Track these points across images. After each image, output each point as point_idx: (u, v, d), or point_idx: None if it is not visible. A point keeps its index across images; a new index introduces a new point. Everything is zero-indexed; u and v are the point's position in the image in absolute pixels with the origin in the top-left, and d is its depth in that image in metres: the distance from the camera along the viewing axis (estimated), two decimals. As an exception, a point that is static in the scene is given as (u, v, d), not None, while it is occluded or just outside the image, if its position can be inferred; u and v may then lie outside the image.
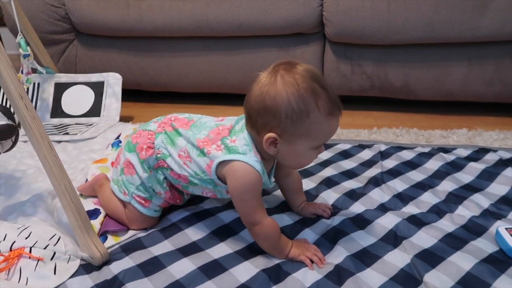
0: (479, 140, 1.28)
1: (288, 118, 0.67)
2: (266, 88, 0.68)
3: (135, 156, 0.82)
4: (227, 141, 0.74)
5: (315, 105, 0.67)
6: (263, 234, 0.75)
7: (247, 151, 0.72)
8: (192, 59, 1.64)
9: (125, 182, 0.84)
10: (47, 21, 1.65)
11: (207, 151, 0.74)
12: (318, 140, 0.71)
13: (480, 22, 1.33)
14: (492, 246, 0.77)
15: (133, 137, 0.84)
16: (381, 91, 1.57)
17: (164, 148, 0.80)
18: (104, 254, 0.75)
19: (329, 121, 0.69)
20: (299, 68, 0.69)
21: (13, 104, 0.73)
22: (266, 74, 0.70)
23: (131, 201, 0.84)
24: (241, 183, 0.72)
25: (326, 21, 1.46)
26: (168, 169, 0.80)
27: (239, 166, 0.72)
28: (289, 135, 0.69)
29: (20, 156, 1.24)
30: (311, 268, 0.73)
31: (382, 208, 0.91)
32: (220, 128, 0.77)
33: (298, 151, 0.71)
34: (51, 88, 1.57)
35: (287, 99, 0.66)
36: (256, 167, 0.71)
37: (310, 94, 0.67)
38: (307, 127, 0.68)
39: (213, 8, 1.50)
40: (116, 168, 0.87)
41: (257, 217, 0.73)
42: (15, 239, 0.75)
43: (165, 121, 0.84)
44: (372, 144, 1.25)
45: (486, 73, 1.44)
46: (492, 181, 1.01)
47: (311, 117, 0.67)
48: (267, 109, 0.67)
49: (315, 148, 0.72)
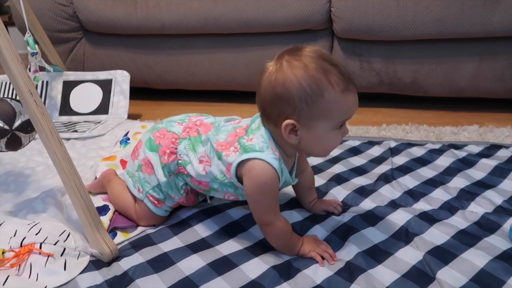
0: (491, 136, 1.26)
1: (303, 101, 0.65)
2: (274, 76, 0.66)
3: (156, 157, 0.80)
4: (243, 141, 0.72)
5: (327, 82, 0.64)
6: (275, 234, 0.74)
7: (264, 148, 0.70)
8: (199, 57, 1.64)
9: (141, 179, 0.83)
10: (55, 20, 1.65)
11: (225, 154, 0.73)
12: (338, 118, 0.68)
13: (491, 17, 1.32)
14: (505, 243, 0.76)
15: (157, 136, 0.81)
16: (390, 88, 1.56)
17: (186, 154, 0.78)
18: (113, 250, 0.75)
19: (346, 96, 0.66)
20: (304, 50, 0.67)
21: (23, 100, 0.73)
22: (272, 63, 0.69)
23: (144, 199, 0.83)
24: (256, 182, 0.70)
25: (334, 17, 1.45)
26: (188, 176, 0.79)
27: (255, 164, 0.70)
28: (307, 119, 0.66)
29: (29, 153, 1.24)
30: (322, 264, 0.72)
31: (392, 205, 0.90)
32: (238, 131, 0.75)
33: (320, 134, 0.68)
34: (59, 86, 1.57)
35: (298, 82, 0.64)
36: (273, 164, 0.69)
37: (321, 72, 0.64)
38: (324, 107, 0.65)
39: (221, 5, 1.50)
40: (133, 162, 0.85)
41: (270, 218, 0.72)
42: (25, 235, 0.75)
43: (190, 126, 0.81)
44: (382, 140, 1.24)
45: (497, 68, 1.42)
46: (505, 177, 1.00)
47: (326, 96, 0.64)
48: (279, 96, 0.66)
49: (337, 128, 0.69)
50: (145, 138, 0.84)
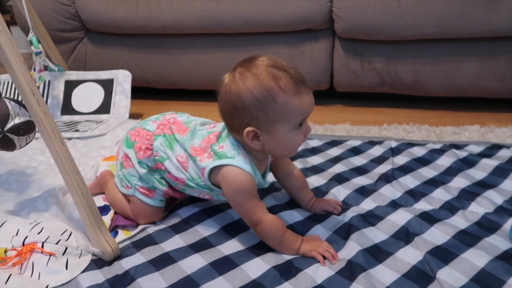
0: (492, 136, 1.26)
1: (258, 109, 0.69)
2: (228, 87, 0.70)
3: (133, 152, 0.83)
4: (215, 148, 0.76)
5: (278, 88, 0.68)
6: (266, 232, 0.75)
7: (236, 155, 0.74)
8: (201, 56, 1.64)
9: (126, 175, 0.85)
10: (57, 19, 1.66)
11: (199, 159, 0.76)
12: (295, 120, 0.71)
13: (493, 17, 1.31)
14: (506, 243, 0.76)
15: (132, 134, 0.85)
16: (391, 87, 1.56)
17: (163, 151, 0.81)
18: (115, 250, 0.75)
19: (299, 98, 0.69)
20: (257, 60, 0.70)
21: (25, 100, 0.73)
22: (227, 75, 0.72)
23: (135, 193, 0.84)
24: (234, 187, 0.73)
25: (335, 17, 1.45)
26: (165, 171, 0.82)
27: (229, 170, 0.73)
28: (265, 125, 0.70)
29: (31, 152, 1.25)
30: (323, 264, 0.72)
31: (393, 205, 0.90)
32: (211, 137, 0.78)
33: (281, 137, 0.72)
34: (61, 85, 1.58)
35: (250, 91, 0.68)
36: (246, 169, 0.72)
37: (271, 79, 0.68)
38: (279, 112, 0.69)
39: (222, 4, 1.50)
40: (116, 163, 0.89)
41: (256, 216, 0.74)
42: (27, 234, 0.75)
43: (164, 123, 0.84)
44: (383, 140, 1.24)
45: (498, 68, 1.42)
46: (506, 177, 1.00)
47: (278, 101, 0.68)
48: (236, 107, 0.70)
49: (297, 129, 0.72)
50: (123, 138, 0.88)
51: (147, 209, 0.85)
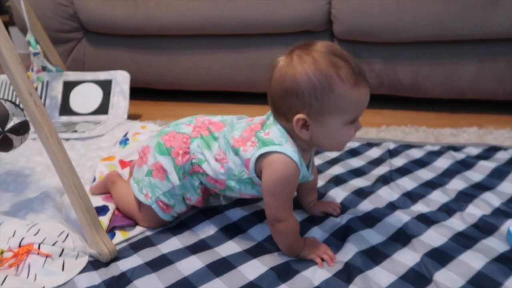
0: (490, 138, 1.26)
1: (312, 96, 0.64)
2: (284, 70, 0.66)
3: (169, 160, 0.78)
4: (261, 135, 0.71)
5: (337, 77, 0.64)
6: (284, 232, 0.73)
7: (283, 142, 0.69)
8: (200, 57, 1.64)
9: (152, 184, 0.80)
10: (55, 20, 1.66)
11: (243, 149, 0.72)
12: (350, 114, 0.67)
13: (491, 19, 1.32)
14: (503, 245, 0.76)
15: (166, 139, 0.80)
16: (390, 89, 1.56)
17: (200, 153, 0.77)
18: (112, 251, 0.75)
19: (357, 91, 0.65)
20: (316, 45, 0.66)
21: (23, 100, 0.73)
22: (283, 57, 0.68)
23: (152, 205, 0.81)
24: (278, 175, 0.69)
25: (334, 19, 1.46)
26: (204, 174, 0.78)
27: (276, 157, 0.69)
28: (317, 114, 0.66)
29: (29, 153, 1.25)
30: (322, 266, 0.72)
31: (391, 207, 0.90)
32: (253, 126, 0.74)
33: (331, 129, 0.68)
34: (59, 86, 1.58)
35: (307, 76, 0.64)
36: (293, 157, 0.68)
37: (331, 67, 0.64)
38: (334, 102, 0.65)
39: (221, 6, 1.50)
40: (140, 168, 0.83)
41: (284, 214, 0.72)
42: (24, 235, 0.75)
43: (199, 125, 0.81)
44: (381, 142, 1.24)
45: (496, 70, 1.42)
46: (503, 179, 1.00)
47: (336, 91, 0.64)
48: (289, 90, 0.66)
49: (350, 123, 0.68)
50: (153, 143, 0.82)
51: (157, 220, 0.83)
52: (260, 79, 1.61)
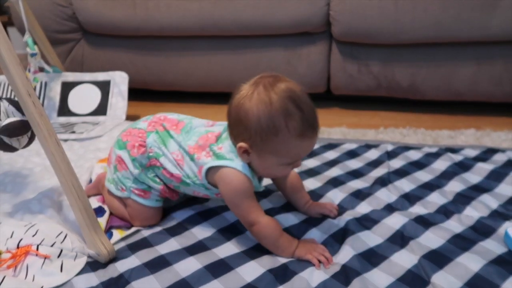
0: (488, 140, 1.27)
1: (257, 135, 0.69)
2: (242, 101, 0.70)
3: (126, 153, 0.83)
4: (214, 148, 0.76)
5: (284, 125, 0.68)
6: (262, 233, 0.75)
7: (234, 157, 0.74)
8: (198, 59, 1.64)
9: (121, 178, 0.84)
10: (54, 21, 1.66)
11: (197, 157, 0.77)
12: (288, 159, 0.72)
13: (489, 21, 1.32)
14: (501, 247, 0.77)
15: (123, 135, 0.85)
16: (388, 91, 1.56)
17: (157, 147, 0.81)
18: (110, 251, 0.75)
19: (300, 141, 0.69)
20: (279, 85, 0.68)
21: (21, 101, 0.73)
22: (247, 86, 0.71)
23: (130, 195, 0.84)
24: (231, 188, 0.74)
25: (332, 20, 1.46)
26: (160, 167, 0.81)
27: (227, 172, 0.74)
28: (258, 149, 0.71)
29: (27, 154, 1.24)
30: (318, 267, 0.72)
31: (388, 208, 0.90)
32: (209, 135, 0.78)
33: (267, 165, 0.73)
34: (58, 87, 1.57)
35: (257, 116, 0.68)
36: (243, 171, 0.74)
37: (281, 114, 0.67)
38: (275, 146, 0.70)
39: (220, 7, 1.50)
40: (109, 167, 0.88)
41: (252, 217, 0.75)
42: (22, 236, 0.75)
43: (155, 120, 0.84)
44: (379, 144, 1.24)
45: (494, 72, 1.43)
46: (501, 181, 1.00)
47: (279, 136, 0.68)
48: (240, 121, 0.70)
49: (286, 164, 0.74)
50: (114, 141, 0.87)
51: (143, 211, 0.85)
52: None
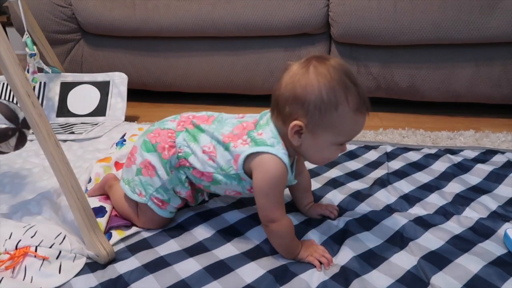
0: (487, 141, 1.27)
1: (317, 108, 0.67)
2: (298, 77, 0.67)
3: (156, 156, 0.79)
4: (253, 134, 0.73)
5: (344, 98, 0.66)
6: (279, 232, 0.74)
7: (275, 144, 0.71)
8: (197, 59, 1.64)
9: (143, 183, 0.81)
10: (53, 21, 1.65)
11: (233, 145, 0.73)
12: (342, 136, 0.70)
13: (488, 23, 1.32)
14: (500, 249, 0.77)
15: (151, 136, 0.81)
16: (387, 92, 1.56)
17: (186, 146, 0.78)
18: (110, 252, 0.75)
19: (356, 116, 0.68)
20: (332, 61, 0.69)
21: (20, 102, 0.73)
22: (298, 64, 0.70)
23: (148, 202, 0.82)
24: (269, 176, 0.71)
25: (332, 22, 1.46)
26: (190, 168, 0.78)
27: (267, 158, 0.70)
28: (314, 126, 0.68)
29: (26, 155, 1.24)
30: (319, 269, 0.72)
31: (388, 210, 0.90)
32: (245, 124, 0.76)
33: (321, 144, 0.70)
34: (57, 87, 1.57)
35: (318, 89, 0.66)
36: (284, 159, 0.71)
37: (341, 86, 0.66)
38: (334, 120, 0.67)
39: (219, 8, 1.50)
40: (129, 168, 0.83)
41: (277, 214, 0.73)
42: (20, 237, 0.75)
43: (184, 120, 0.82)
44: (378, 145, 1.24)
45: (493, 74, 1.43)
46: (500, 183, 1.00)
47: (339, 110, 0.67)
48: (297, 97, 0.67)
49: (338, 144, 0.71)
50: (139, 142, 0.83)
51: (155, 218, 0.84)
52: (258, 81, 1.61)
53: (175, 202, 0.84)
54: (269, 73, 1.59)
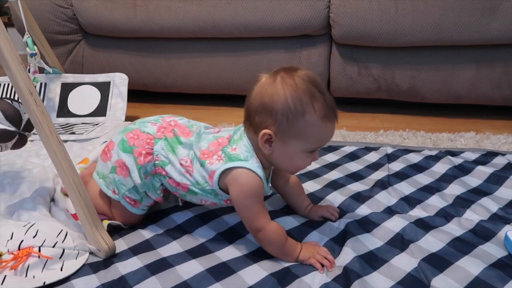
0: (487, 143, 1.27)
1: (284, 117, 0.69)
2: (265, 87, 0.71)
3: (131, 159, 0.79)
4: (228, 150, 0.75)
5: (311, 106, 0.69)
6: (268, 239, 0.75)
7: (249, 158, 0.74)
8: (198, 60, 1.64)
9: (117, 182, 0.81)
10: (54, 22, 1.65)
11: (209, 162, 0.75)
12: (312, 143, 0.72)
13: (489, 24, 1.33)
14: (501, 251, 0.77)
15: (130, 137, 0.80)
16: (388, 94, 1.56)
17: (164, 155, 0.79)
18: (111, 247, 0.76)
19: (324, 124, 0.71)
20: (299, 72, 0.71)
21: (23, 100, 0.74)
22: (267, 75, 0.73)
23: (120, 200, 0.83)
24: (244, 189, 0.73)
25: (333, 23, 1.46)
26: (166, 176, 0.79)
27: (241, 172, 0.73)
28: (283, 134, 0.71)
29: (26, 155, 1.24)
30: (322, 271, 0.72)
31: (388, 211, 0.91)
32: (220, 140, 0.78)
33: (291, 152, 0.73)
34: (57, 88, 1.57)
35: (284, 97, 0.69)
36: (258, 172, 0.73)
37: (308, 95, 0.69)
38: (302, 128, 0.70)
39: (220, 9, 1.50)
40: (105, 163, 0.83)
41: (260, 222, 0.74)
42: (22, 238, 0.75)
43: (165, 126, 0.82)
44: (379, 146, 1.24)
45: (494, 75, 1.43)
46: (501, 185, 1.00)
47: (306, 117, 0.69)
48: (265, 106, 0.70)
49: (308, 152, 0.73)
50: (117, 139, 0.82)
51: (127, 215, 0.85)
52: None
53: (147, 202, 0.85)
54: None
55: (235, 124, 1.45)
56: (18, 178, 1.08)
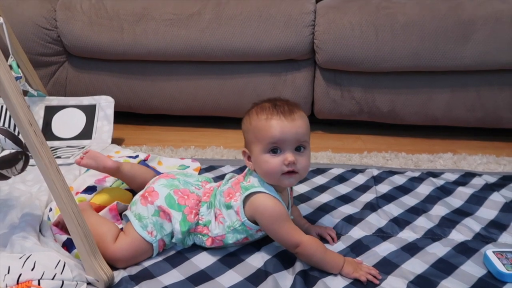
0: (464, 164, 1.34)
1: (244, 131, 0.85)
2: None
3: (180, 215, 0.85)
4: (244, 184, 0.84)
5: (254, 113, 0.82)
6: (308, 251, 0.79)
7: (261, 185, 0.81)
8: (185, 83, 1.65)
9: (159, 224, 0.84)
10: (38, 43, 1.64)
11: (234, 200, 0.83)
12: (263, 141, 0.79)
13: (463, 52, 1.41)
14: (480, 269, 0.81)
15: (180, 197, 0.86)
16: (369, 116, 1.62)
17: (207, 214, 0.87)
18: (110, 277, 0.76)
19: (268, 122, 0.79)
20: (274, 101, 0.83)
21: (22, 130, 0.73)
22: None
23: (154, 243, 0.84)
24: (267, 215, 0.79)
25: (317, 49, 1.52)
26: (205, 235, 0.85)
27: (259, 198, 0.80)
28: (248, 144, 0.84)
29: (12, 181, 1.20)
30: (365, 283, 0.76)
31: (380, 233, 0.94)
32: (239, 178, 0.88)
33: (256, 157, 0.81)
34: (41, 111, 1.55)
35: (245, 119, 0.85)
36: (272, 193, 0.80)
37: (255, 110, 0.83)
38: (252, 133, 0.81)
39: (207, 34, 1.53)
40: (144, 206, 0.86)
41: (295, 239, 0.78)
42: (20, 271, 0.73)
43: (208, 192, 0.90)
44: (365, 168, 1.28)
45: (467, 99, 1.52)
46: (481, 205, 1.06)
47: (252, 123, 0.82)
48: (242, 132, 0.86)
49: (269, 152, 0.79)
50: (162, 192, 0.87)
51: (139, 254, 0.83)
52: (245, 104, 1.62)
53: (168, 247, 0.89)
54: (256, 96, 1.61)
55: (223, 147, 1.47)
56: (5, 206, 1.05)
